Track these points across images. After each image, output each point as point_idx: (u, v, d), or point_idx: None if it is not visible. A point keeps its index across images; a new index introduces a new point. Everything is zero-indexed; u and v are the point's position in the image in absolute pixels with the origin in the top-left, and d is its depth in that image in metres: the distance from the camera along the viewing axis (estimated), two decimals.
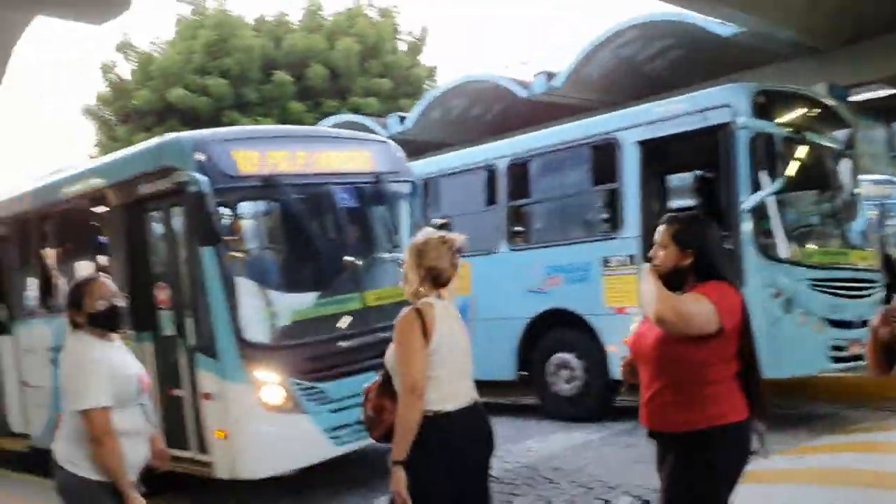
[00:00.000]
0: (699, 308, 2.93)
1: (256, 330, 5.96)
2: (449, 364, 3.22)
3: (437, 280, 3.31)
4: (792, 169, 7.78)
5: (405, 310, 3.25)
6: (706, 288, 3.01)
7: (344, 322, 6.30)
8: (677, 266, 3.07)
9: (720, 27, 11.11)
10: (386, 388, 3.29)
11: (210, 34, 21.18)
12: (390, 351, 3.28)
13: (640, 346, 3.15)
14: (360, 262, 6.48)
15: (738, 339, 3.01)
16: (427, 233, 3.42)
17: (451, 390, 3.22)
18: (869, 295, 7.95)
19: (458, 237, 3.40)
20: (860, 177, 9.07)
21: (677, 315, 2.91)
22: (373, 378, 3.46)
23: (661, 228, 3.16)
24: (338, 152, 6.86)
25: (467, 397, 3.29)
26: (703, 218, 3.34)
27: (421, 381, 3.12)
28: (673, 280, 3.07)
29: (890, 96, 14.01)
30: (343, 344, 6.18)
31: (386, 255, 6.91)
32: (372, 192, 7.10)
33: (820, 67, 11.37)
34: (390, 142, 7.73)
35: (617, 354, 7.70)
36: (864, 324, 7.70)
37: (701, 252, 3.07)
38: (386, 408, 3.25)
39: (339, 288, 6.40)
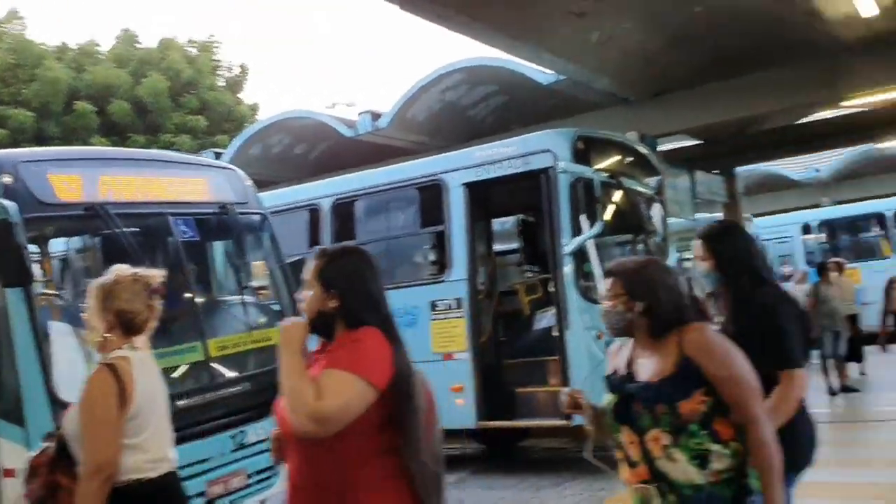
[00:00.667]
0: (346, 397, 2.18)
1: (75, 389, 5.07)
2: (151, 427, 2.78)
3: (129, 326, 2.83)
4: (610, 213, 7.99)
5: (95, 368, 2.74)
6: (352, 345, 2.30)
7: (182, 376, 5.41)
8: (322, 310, 2.39)
9: (540, 75, 11.44)
10: (61, 460, 2.74)
11: (5, 57, 19.40)
12: (72, 415, 2.75)
13: (282, 418, 2.32)
14: (201, 306, 5.69)
15: (390, 401, 2.25)
16: (117, 270, 2.91)
17: (152, 457, 2.78)
18: None
19: (154, 274, 2.93)
20: (669, 221, 9.50)
21: (318, 421, 2.15)
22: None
23: (307, 264, 2.54)
24: (177, 178, 5.96)
25: (170, 464, 2.87)
26: (354, 250, 2.69)
27: (112, 459, 2.61)
28: (321, 327, 2.44)
29: (692, 146, 15.05)
30: (181, 403, 5.14)
31: (232, 298, 6.09)
32: (217, 225, 6.27)
33: (631, 117, 11.98)
34: (237, 169, 7.06)
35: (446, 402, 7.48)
36: None
37: (346, 294, 2.39)
38: (62, 485, 2.70)
39: (176, 336, 5.48)
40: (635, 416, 2.40)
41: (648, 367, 2.45)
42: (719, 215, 15.63)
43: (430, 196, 8.17)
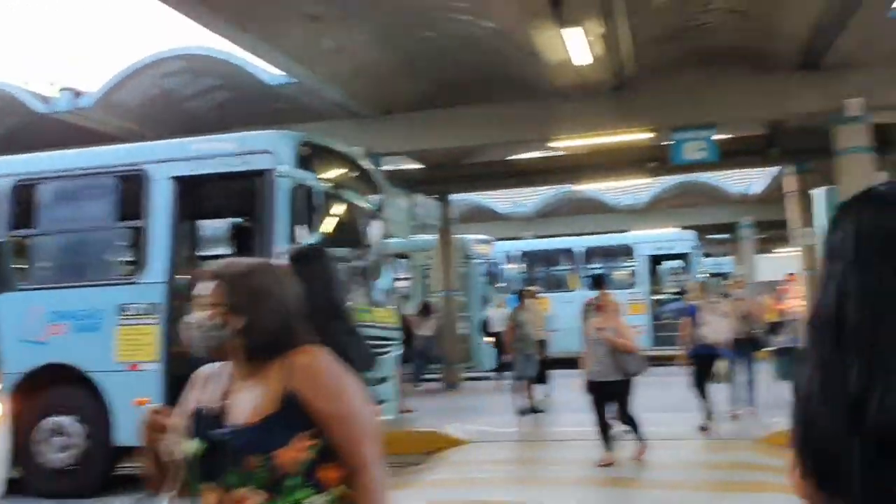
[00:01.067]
0: None
1: None
2: None
3: None
4: (328, 224, 7.78)
5: None
6: None
7: None
8: None
9: (269, 75, 10.98)
10: None
11: None
12: None
13: None
14: None
15: None
16: None
17: None
18: (388, 352, 8.23)
19: None
20: (386, 240, 9.53)
21: None
22: None
23: None
24: None
25: None
26: None
27: None
28: None
29: (414, 169, 15.39)
30: None
31: None
32: None
33: (359, 132, 11.86)
34: None
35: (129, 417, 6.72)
36: (381, 382, 7.91)
37: None
38: None
39: None
40: (222, 470, 1.84)
41: (246, 404, 1.89)
42: (433, 237, 16.17)
43: (131, 187, 7.39)
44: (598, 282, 11.46)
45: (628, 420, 7.67)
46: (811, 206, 14.76)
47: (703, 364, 9.47)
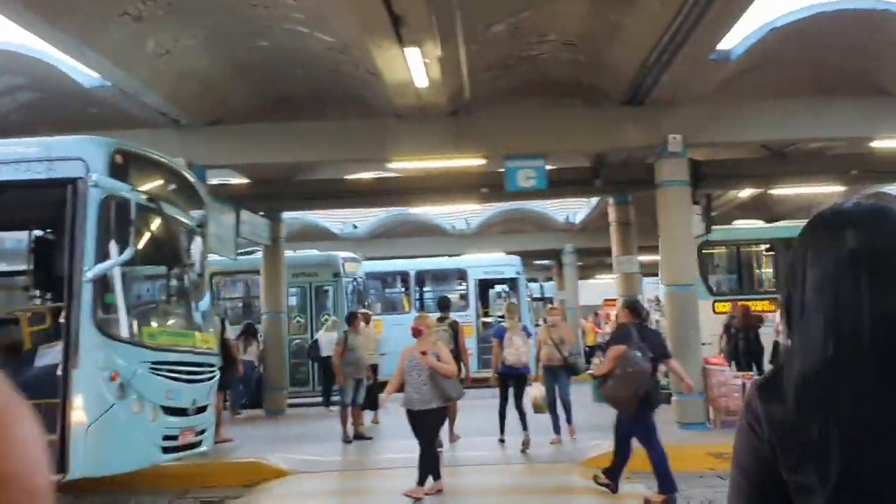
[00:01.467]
0: None
1: None
2: None
3: None
4: (144, 239, 7.22)
5: None
6: None
7: None
8: None
9: (83, 76, 10.09)
10: None
11: None
12: None
13: None
14: None
15: None
16: None
17: None
18: (206, 379, 7.73)
19: None
20: (208, 257, 9.00)
21: None
22: None
23: None
24: None
25: None
26: None
27: None
28: None
29: (241, 184, 14.70)
30: None
31: None
32: None
33: (182, 142, 11.19)
34: None
35: None
36: (199, 410, 7.38)
37: None
38: None
39: None
40: None
41: None
42: (258, 255, 15.54)
43: None
44: (442, 304, 11.33)
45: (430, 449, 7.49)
46: (631, 236, 15.57)
47: (507, 384, 9.83)
